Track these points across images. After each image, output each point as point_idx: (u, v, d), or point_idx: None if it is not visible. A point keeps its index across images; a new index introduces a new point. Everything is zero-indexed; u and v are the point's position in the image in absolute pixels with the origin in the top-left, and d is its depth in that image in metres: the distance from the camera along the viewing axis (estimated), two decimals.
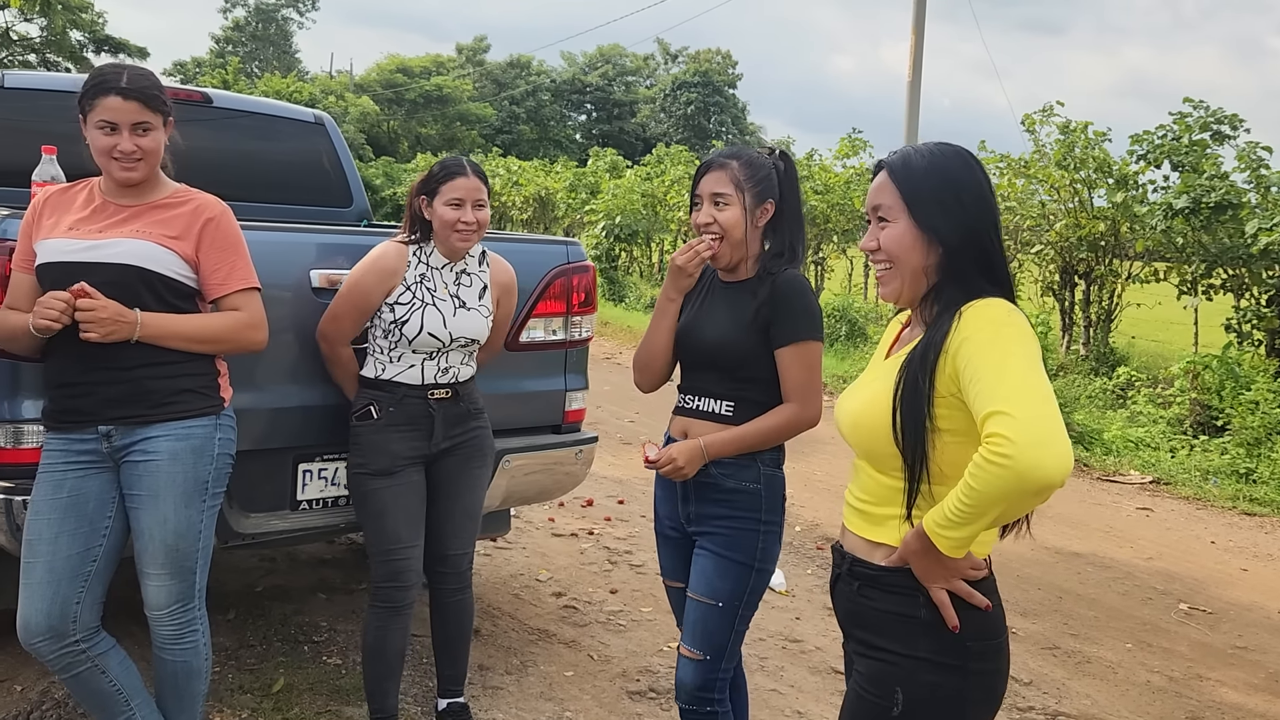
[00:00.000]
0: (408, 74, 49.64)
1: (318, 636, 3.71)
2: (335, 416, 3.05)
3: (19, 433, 2.65)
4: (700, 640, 2.41)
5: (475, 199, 2.87)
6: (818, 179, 15.87)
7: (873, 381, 1.82)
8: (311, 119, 4.83)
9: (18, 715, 3.01)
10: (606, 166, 23.28)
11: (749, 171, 2.43)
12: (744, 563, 2.41)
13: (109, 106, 2.41)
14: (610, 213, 17.99)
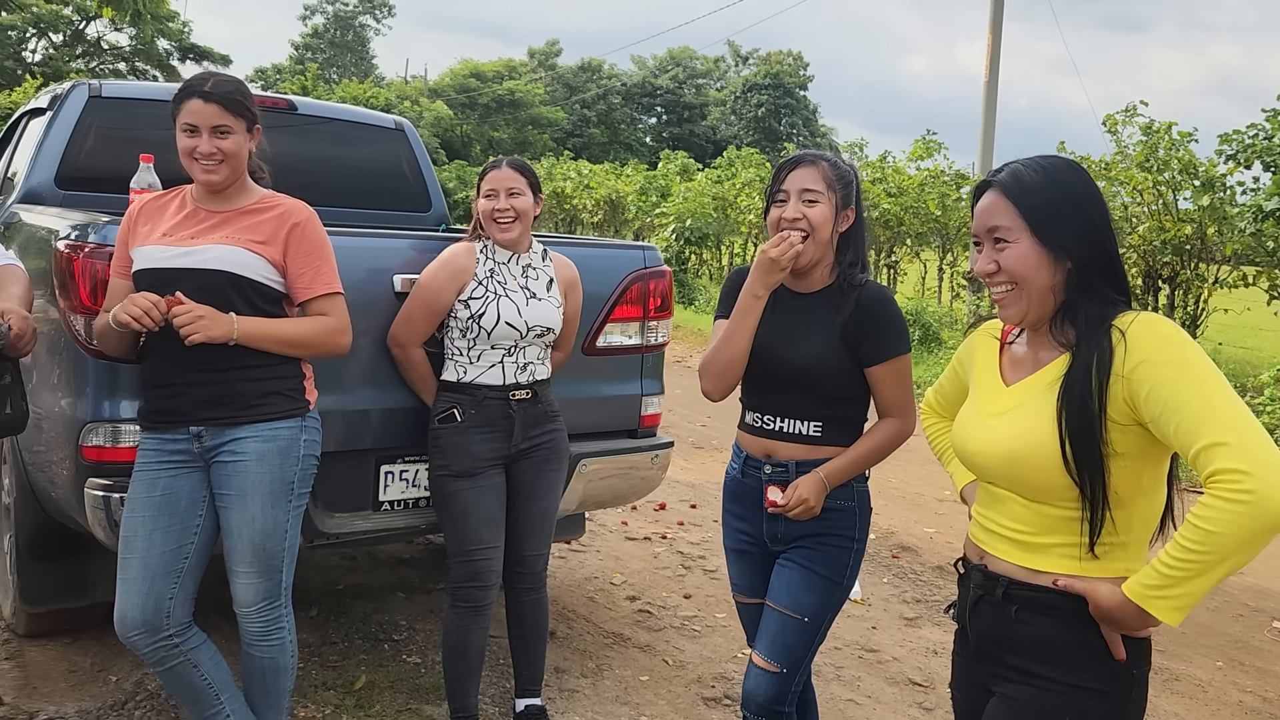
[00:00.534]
0: (480, 78, 50.29)
1: (397, 635, 3.77)
2: (416, 419, 3.10)
3: (117, 432, 2.74)
4: (779, 652, 2.35)
5: (508, 188, 2.96)
6: (891, 181, 15.67)
7: (1007, 412, 1.72)
8: (392, 125, 4.92)
9: (114, 705, 3.11)
10: (677, 169, 23.28)
11: (836, 174, 2.37)
12: (831, 578, 2.36)
13: (191, 109, 2.49)
14: (681, 216, 17.99)
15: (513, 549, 3.07)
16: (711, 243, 18.87)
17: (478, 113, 49.25)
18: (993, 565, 1.76)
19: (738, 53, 60.48)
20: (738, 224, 18.49)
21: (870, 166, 16.79)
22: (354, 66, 58.47)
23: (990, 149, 14.36)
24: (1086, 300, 1.66)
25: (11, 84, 31.50)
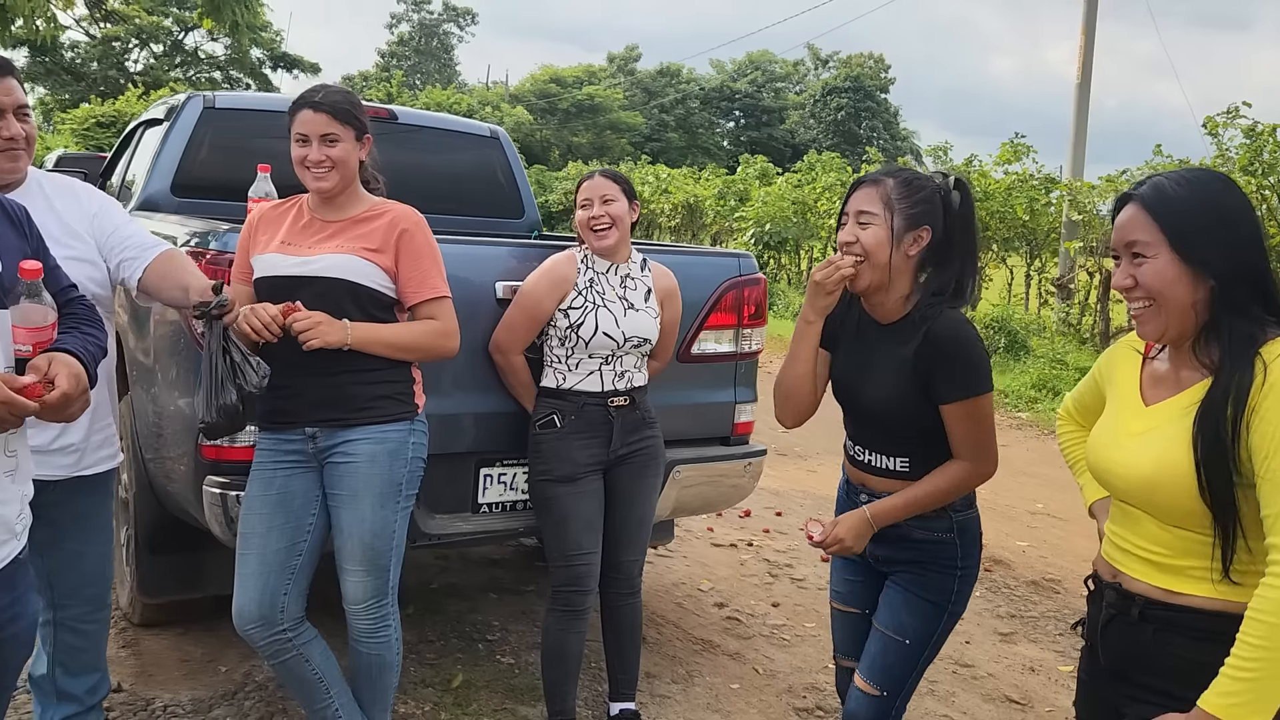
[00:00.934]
0: (560, 84, 50.79)
1: (491, 635, 3.83)
2: (514, 423, 3.15)
3: None
4: (880, 675, 2.32)
5: (601, 195, 3.00)
6: (976, 185, 15.39)
7: (1145, 433, 1.69)
8: (487, 133, 5.01)
9: (224, 695, 3.23)
10: (756, 173, 23.20)
11: (904, 192, 2.24)
12: (936, 602, 2.30)
13: (302, 119, 2.58)
14: (760, 220, 17.92)
15: (609, 555, 3.10)
16: (790, 247, 18.76)
17: (557, 118, 49.74)
18: (1127, 584, 1.73)
19: (817, 56, 60.03)
20: (817, 228, 18.32)
21: (955, 170, 16.53)
22: (437, 73, 59.54)
23: (1081, 152, 14.04)
24: (1232, 319, 1.61)
25: (115, 93, 32.76)
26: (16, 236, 1.74)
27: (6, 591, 1.69)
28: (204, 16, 13.90)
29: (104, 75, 39.99)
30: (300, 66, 42.88)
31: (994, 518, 5.98)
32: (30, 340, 1.66)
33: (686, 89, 54.88)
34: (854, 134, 51.95)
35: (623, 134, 49.88)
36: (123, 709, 3.09)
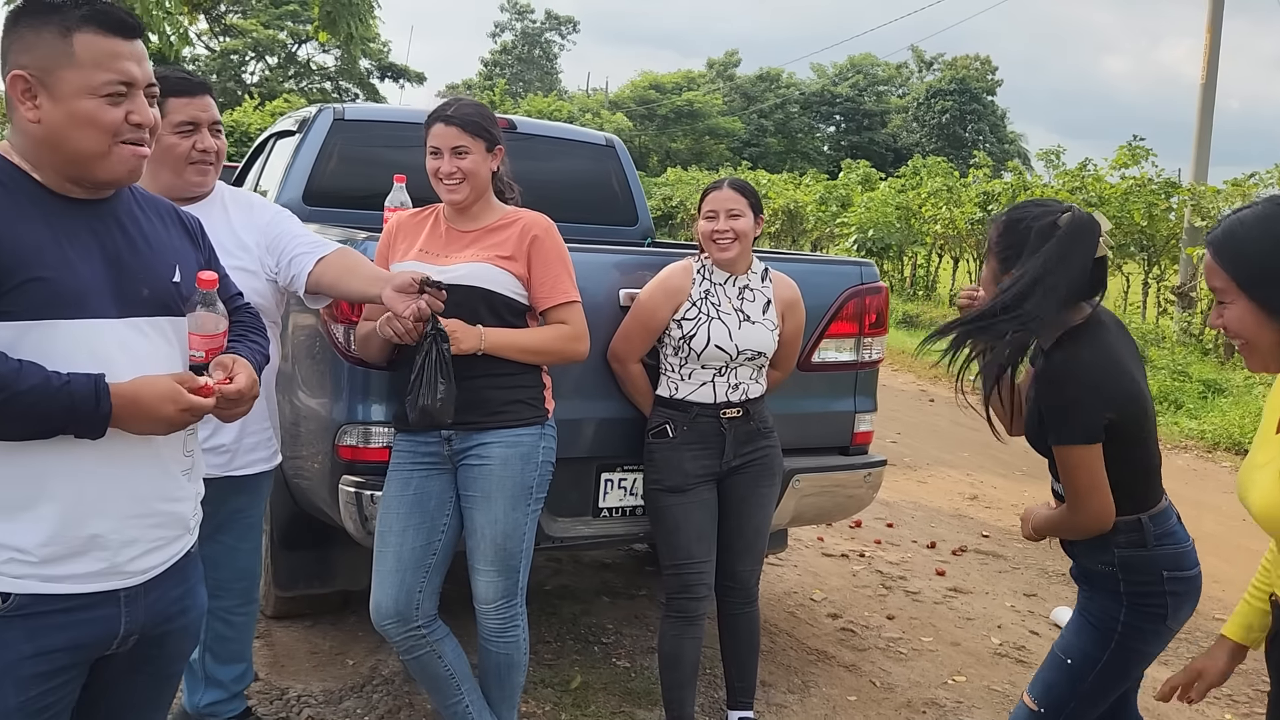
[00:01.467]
0: (660, 90, 50.99)
1: (606, 638, 3.87)
2: (635, 428, 3.18)
3: (368, 433, 2.94)
4: (1042, 692, 2.28)
5: (728, 209, 2.99)
6: (1091, 190, 14.92)
7: (1267, 464, 1.67)
8: (603, 141, 5.07)
9: (353, 687, 3.33)
10: (859, 179, 22.91)
11: (999, 234, 2.23)
12: (1099, 626, 2.23)
13: (435, 133, 2.66)
14: (862, 226, 17.69)
15: (725, 564, 3.11)
16: (894, 253, 18.46)
17: (655, 124, 49.96)
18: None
19: (921, 58, 58.98)
20: (921, 234, 18.01)
21: (1068, 175, 16.05)
22: (539, 81, 60.41)
23: (1205, 155, 13.49)
24: None
25: (232, 104, 34.12)
26: (192, 248, 1.83)
27: (179, 584, 1.78)
28: (320, 29, 14.40)
29: (222, 87, 41.71)
30: (406, 76, 44.06)
31: None
32: (204, 347, 1.73)
33: (786, 93, 54.50)
34: (959, 137, 50.87)
35: (721, 139, 49.82)
36: (260, 697, 3.21)
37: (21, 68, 1.57)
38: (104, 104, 1.58)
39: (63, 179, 1.62)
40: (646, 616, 4.09)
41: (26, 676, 1.58)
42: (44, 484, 1.57)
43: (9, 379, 1.45)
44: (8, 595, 1.56)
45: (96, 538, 1.62)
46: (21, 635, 1.57)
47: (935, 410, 9.43)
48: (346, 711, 3.18)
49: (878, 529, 5.59)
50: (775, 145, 51.95)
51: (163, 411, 1.58)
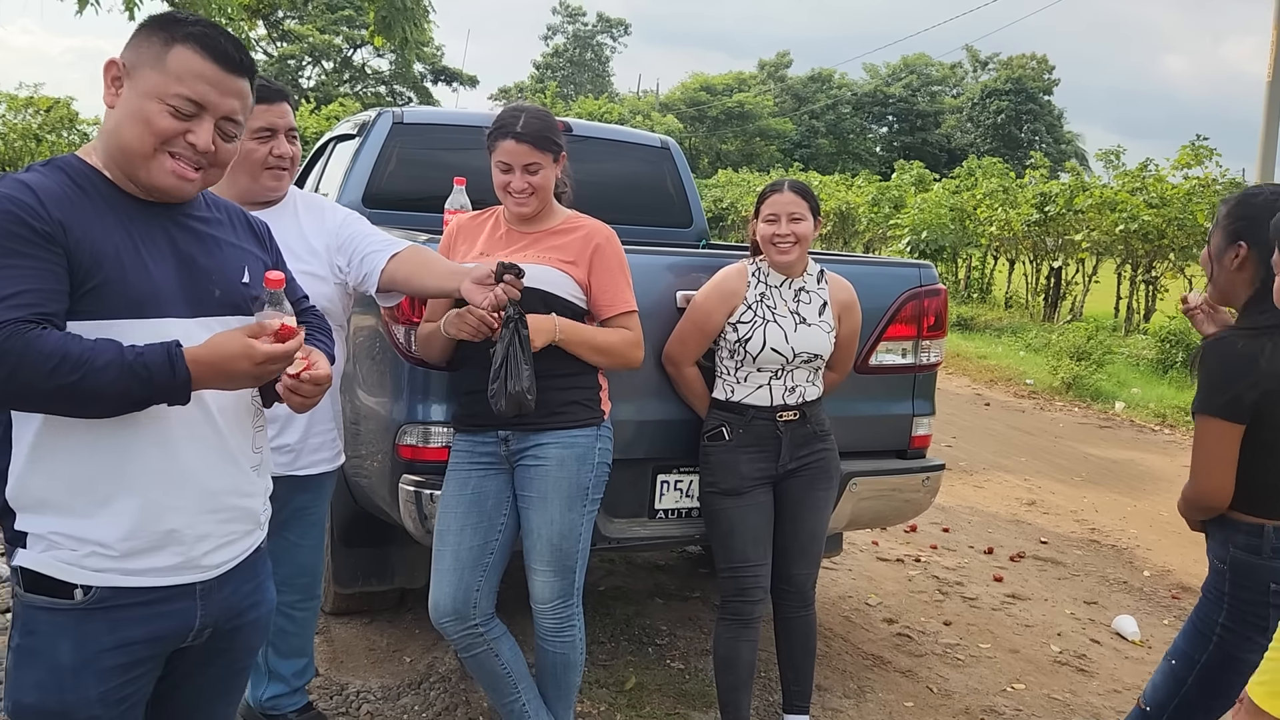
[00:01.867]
0: (710, 92, 50.95)
1: (660, 640, 3.87)
2: (690, 430, 3.17)
3: (428, 433, 2.97)
4: (1149, 692, 2.37)
5: (789, 213, 2.96)
6: (1152, 190, 14.62)
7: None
8: (658, 144, 5.08)
9: (410, 684, 3.37)
10: (912, 180, 22.67)
11: (1230, 210, 2.28)
12: (1200, 631, 2.30)
13: (505, 149, 2.66)
14: (916, 227, 17.50)
15: (780, 567, 3.09)
16: (948, 255, 18.23)
17: (706, 125, 49.91)
18: None
19: (976, 58, 58.24)
20: (976, 235, 17.76)
21: (1128, 175, 15.74)
22: (590, 83, 60.62)
23: (1272, 154, 13.15)
24: None
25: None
26: (260, 250, 1.87)
27: (250, 579, 1.82)
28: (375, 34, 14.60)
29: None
30: (459, 79, 44.48)
31: (1180, 542, 5.66)
32: None
33: (838, 94, 54.12)
34: (1015, 137, 50.17)
35: (772, 141, 49.62)
36: (319, 692, 3.26)
37: (122, 57, 1.65)
38: (165, 112, 1.61)
39: (123, 176, 1.66)
40: (700, 618, 4.09)
41: (107, 668, 1.63)
42: (123, 479, 1.62)
43: (84, 357, 1.48)
44: (89, 588, 1.61)
45: (173, 532, 1.66)
46: (103, 628, 1.62)
47: (991, 414, 9.30)
48: (404, 708, 3.22)
49: (934, 534, 5.53)
50: (827, 146, 51.63)
51: (238, 368, 1.59)
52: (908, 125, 54.97)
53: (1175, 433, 9.12)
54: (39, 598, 1.61)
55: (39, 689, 1.61)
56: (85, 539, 1.61)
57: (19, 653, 1.63)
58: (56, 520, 1.60)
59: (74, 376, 1.46)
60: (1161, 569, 5.18)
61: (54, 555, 1.60)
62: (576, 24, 63.91)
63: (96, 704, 1.63)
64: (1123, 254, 15.12)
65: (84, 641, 1.61)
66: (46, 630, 1.62)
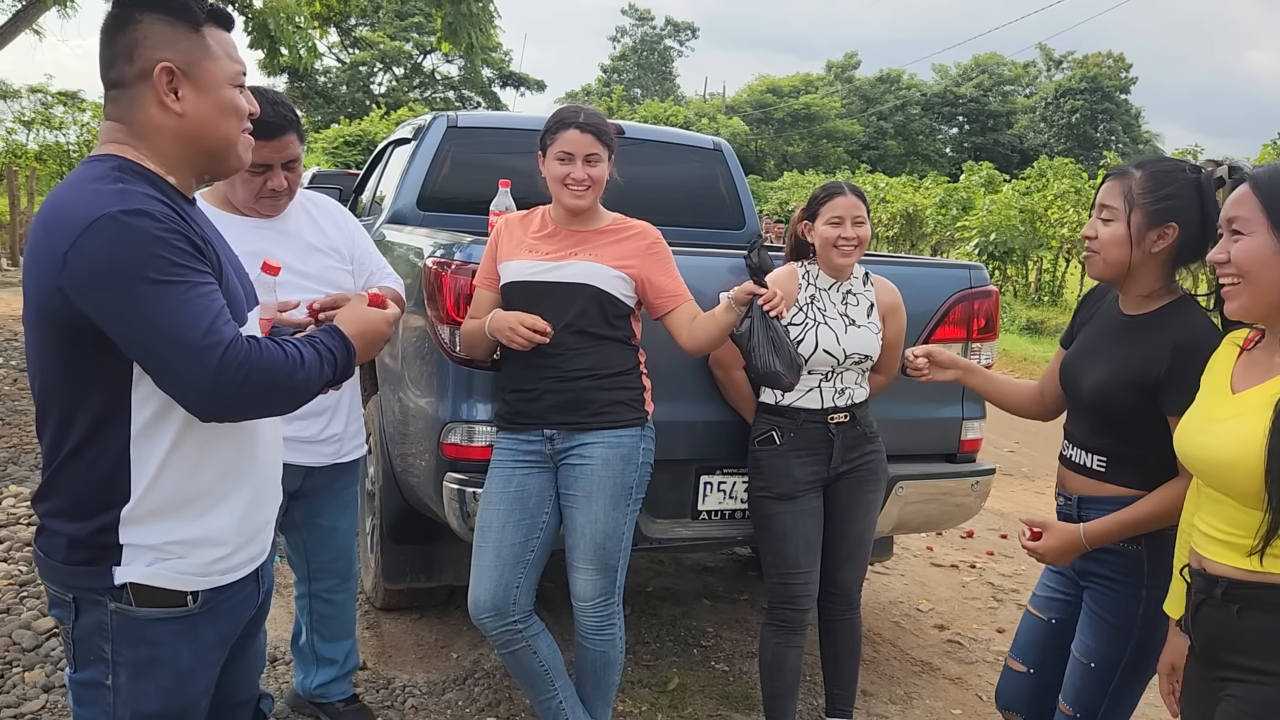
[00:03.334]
0: (777, 94, 50.71)
1: (705, 641, 3.87)
2: (734, 432, 3.17)
3: (471, 431, 3.01)
4: (1070, 697, 2.27)
5: (854, 216, 2.95)
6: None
7: (1230, 418, 1.73)
8: (711, 145, 5.07)
9: (455, 680, 3.42)
10: (981, 181, 22.30)
11: (1150, 185, 2.11)
12: (1118, 626, 2.18)
13: (568, 139, 2.69)
14: (984, 229, 17.21)
15: (828, 571, 3.06)
16: (1018, 258, 17.90)
17: (773, 128, 49.65)
18: (1211, 569, 1.76)
19: (1050, 56, 57.03)
20: (1047, 238, 17.40)
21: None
22: (656, 86, 60.75)
23: None
24: None
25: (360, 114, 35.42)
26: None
27: (273, 550, 1.91)
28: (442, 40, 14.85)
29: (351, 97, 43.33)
30: (526, 84, 44.91)
31: None
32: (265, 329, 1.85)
33: (907, 95, 53.43)
34: (1090, 137, 49.02)
35: (839, 143, 49.17)
36: (367, 685, 3.33)
37: (167, 59, 1.55)
38: (237, 94, 1.63)
39: (193, 176, 1.65)
40: (747, 621, 4.07)
41: (212, 662, 1.72)
42: (235, 477, 1.69)
43: (298, 357, 1.59)
44: (197, 594, 1.65)
45: (266, 522, 1.77)
46: (209, 627, 1.69)
47: (1056, 420, 9.09)
48: (448, 703, 3.26)
49: (990, 540, 5.43)
50: (894, 148, 51.01)
51: (381, 334, 1.78)
52: (978, 126, 54.04)
53: None
54: (153, 610, 1.61)
55: (163, 695, 1.64)
56: (197, 544, 1.64)
57: (136, 665, 1.61)
58: (171, 528, 1.61)
59: (299, 376, 1.57)
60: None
61: (166, 566, 1.61)
62: (644, 27, 64.09)
63: (203, 697, 1.71)
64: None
65: (198, 643, 1.67)
66: (167, 639, 1.63)
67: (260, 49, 11.66)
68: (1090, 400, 2.22)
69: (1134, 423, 2.14)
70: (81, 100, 29.01)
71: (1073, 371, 2.29)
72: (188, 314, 1.45)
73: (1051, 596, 2.42)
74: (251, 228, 2.63)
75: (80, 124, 27.54)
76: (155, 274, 1.44)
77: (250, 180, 2.59)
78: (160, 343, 1.45)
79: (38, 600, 3.75)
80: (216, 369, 1.45)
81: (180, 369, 1.46)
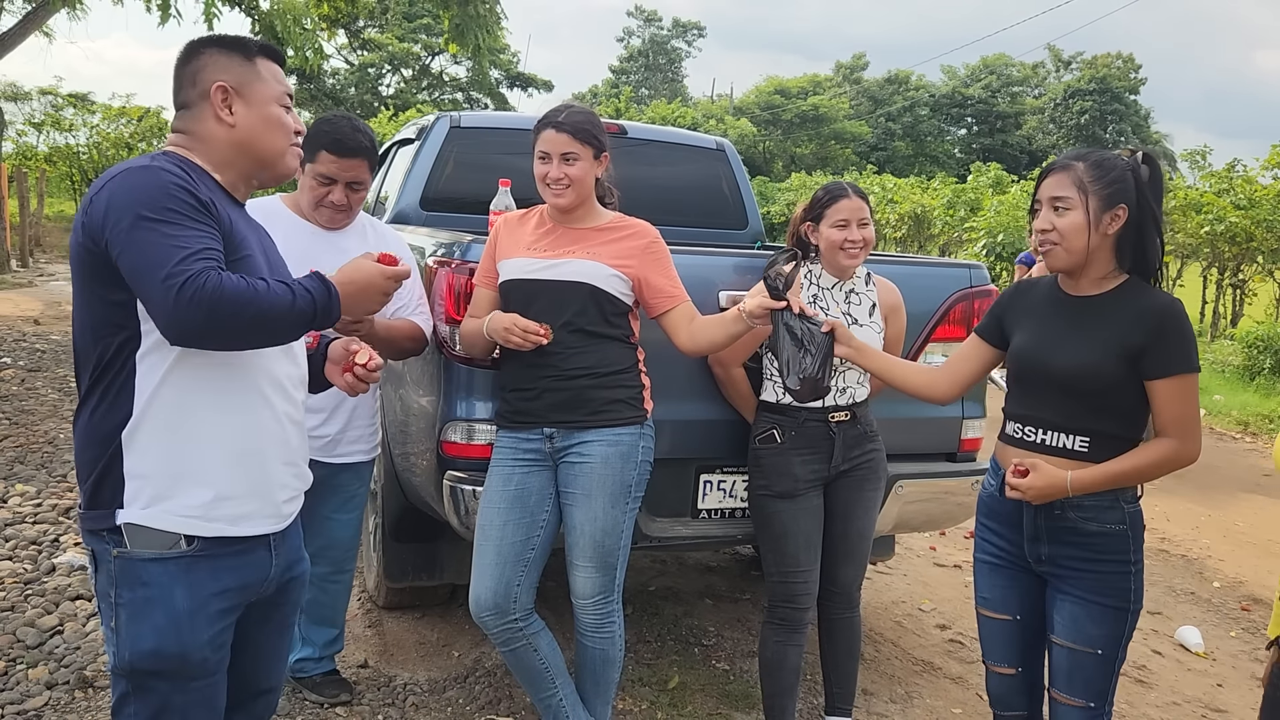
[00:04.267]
0: (785, 95, 50.59)
1: (706, 640, 3.87)
2: (734, 431, 3.17)
3: (471, 430, 3.02)
4: (1082, 688, 2.31)
5: (859, 219, 2.95)
6: (1240, 192, 14.13)
7: None
8: (713, 146, 5.08)
9: (457, 678, 3.43)
10: (989, 182, 22.25)
11: (1097, 173, 2.23)
12: (1119, 607, 2.28)
13: (544, 138, 2.71)
14: (992, 230, 17.17)
15: (828, 569, 3.06)
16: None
17: (780, 129, 49.56)
18: None
19: (1059, 57, 56.83)
20: None
21: (1215, 176, 15.24)
22: (664, 87, 60.73)
23: None
24: None
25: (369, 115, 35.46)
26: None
27: (296, 535, 2.04)
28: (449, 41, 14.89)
29: (360, 99, 43.41)
30: (535, 85, 44.93)
31: (1254, 553, 5.47)
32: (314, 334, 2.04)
33: (915, 96, 53.31)
34: (1099, 139, 48.83)
35: (847, 144, 49.07)
36: (368, 683, 3.34)
37: (222, 80, 1.87)
38: (284, 112, 1.92)
39: (240, 179, 1.92)
40: (749, 620, 4.08)
41: (214, 612, 1.81)
42: (234, 434, 1.82)
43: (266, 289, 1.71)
44: (192, 538, 1.78)
45: (267, 483, 1.88)
46: (207, 575, 1.80)
47: None
48: (449, 701, 3.27)
49: None
50: (903, 149, 50.88)
51: (375, 286, 1.91)
52: (987, 127, 53.89)
53: (1258, 440, 8.80)
54: (148, 551, 1.76)
55: (158, 634, 1.75)
56: (192, 488, 1.78)
57: (133, 606, 1.76)
58: (166, 469, 1.77)
59: (262, 305, 1.69)
60: (1233, 580, 5.01)
61: (163, 509, 1.76)
62: (652, 28, 64.08)
63: (207, 646, 1.80)
64: (1209, 257, 14.64)
65: (194, 587, 1.78)
66: (160, 580, 1.76)
67: None
68: (1067, 379, 2.26)
69: (1113, 395, 2.23)
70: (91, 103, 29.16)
71: (1037, 357, 2.32)
72: (164, 250, 1.64)
73: (1004, 596, 2.46)
74: (309, 233, 2.90)
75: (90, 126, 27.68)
76: (148, 212, 1.66)
77: (315, 189, 2.86)
78: (141, 271, 1.65)
79: (42, 598, 3.77)
80: (175, 298, 1.62)
81: (151, 296, 1.65)
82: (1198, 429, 2.21)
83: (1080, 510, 2.27)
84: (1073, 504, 2.27)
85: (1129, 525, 2.27)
